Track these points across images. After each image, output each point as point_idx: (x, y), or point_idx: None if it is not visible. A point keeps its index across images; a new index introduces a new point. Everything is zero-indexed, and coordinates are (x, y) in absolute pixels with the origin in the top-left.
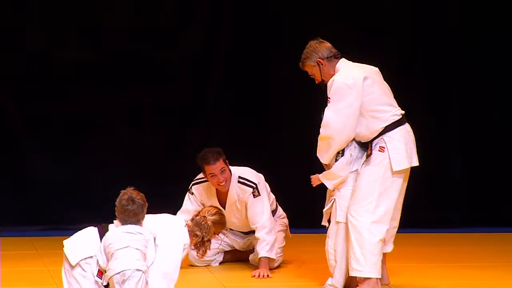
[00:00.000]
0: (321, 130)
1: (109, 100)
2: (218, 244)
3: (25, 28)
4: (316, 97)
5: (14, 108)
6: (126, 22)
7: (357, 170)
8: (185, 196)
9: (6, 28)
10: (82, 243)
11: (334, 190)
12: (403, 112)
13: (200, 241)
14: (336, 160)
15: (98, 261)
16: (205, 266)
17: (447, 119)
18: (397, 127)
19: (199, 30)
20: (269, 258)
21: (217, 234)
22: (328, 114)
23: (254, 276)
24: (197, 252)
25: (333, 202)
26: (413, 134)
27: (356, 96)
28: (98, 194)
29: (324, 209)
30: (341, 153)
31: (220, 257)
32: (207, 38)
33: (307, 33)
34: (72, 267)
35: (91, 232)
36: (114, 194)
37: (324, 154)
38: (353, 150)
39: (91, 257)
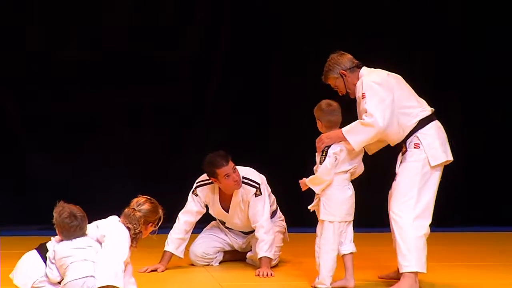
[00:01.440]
0: (364, 116)
1: (109, 100)
2: (220, 244)
3: (25, 28)
4: (316, 97)
5: (14, 108)
6: (126, 22)
7: (344, 171)
8: (186, 196)
9: (6, 28)
10: (26, 270)
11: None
12: (432, 109)
13: (132, 234)
14: (321, 163)
15: (48, 276)
16: (204, 265)
17: (447, 119)
18: (428, 123)
19: (199, 30)
20: (268, 257)
21: (154, 224)
22: (369, 106)
23: (258, 275)
24: (131, 245)
25: (318, 200)
26: (444, 130)
27: (387, 91)
28: (98, 194)
29: (309, 206)
30: (325, 154)
31: (220, 256)
32: (207, 38)
33: (307, 33)
34: None
35: (32, 256)
36: (114, 194)
37: (357, 137)
38: (339, 154)
39: (42, 276)
